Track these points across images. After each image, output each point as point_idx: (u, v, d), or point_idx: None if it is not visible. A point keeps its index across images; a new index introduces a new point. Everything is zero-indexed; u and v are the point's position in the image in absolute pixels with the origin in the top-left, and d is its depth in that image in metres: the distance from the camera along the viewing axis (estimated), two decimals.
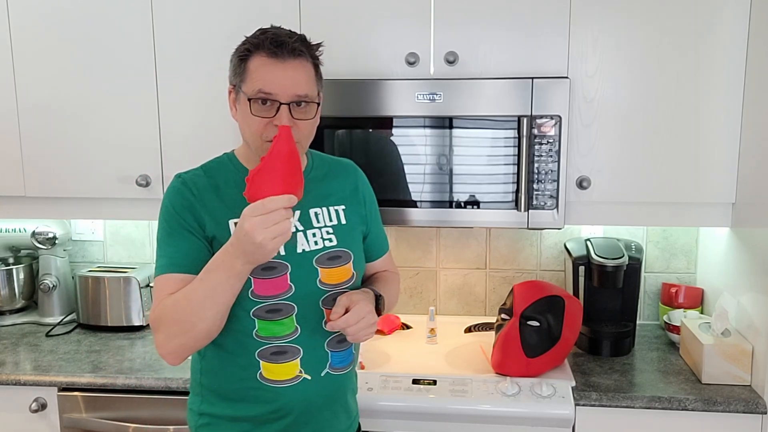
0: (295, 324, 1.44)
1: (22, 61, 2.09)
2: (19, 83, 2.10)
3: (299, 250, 1.45)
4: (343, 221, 1.52)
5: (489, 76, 1.93)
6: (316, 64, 1.45)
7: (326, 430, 1.52)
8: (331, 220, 1.51)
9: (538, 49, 1.92)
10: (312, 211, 1.49)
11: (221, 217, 1.42)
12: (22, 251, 2.53)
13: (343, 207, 1.54)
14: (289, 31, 1.42)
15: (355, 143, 1.95)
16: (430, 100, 1.91)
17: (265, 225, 1.21)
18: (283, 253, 1.42)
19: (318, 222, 1.49)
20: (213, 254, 1.36)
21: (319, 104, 1.44)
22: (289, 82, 1.37)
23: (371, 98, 1.93)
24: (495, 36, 1.93)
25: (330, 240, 1.49)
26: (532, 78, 1.87)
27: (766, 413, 1.75)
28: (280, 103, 1.36)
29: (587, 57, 1.91)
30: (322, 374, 1.48)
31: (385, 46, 1.96)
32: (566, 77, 1.89)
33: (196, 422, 1.51)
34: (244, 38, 1.42)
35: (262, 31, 1.41)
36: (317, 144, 1.95)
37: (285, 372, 1.44)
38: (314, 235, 1.47)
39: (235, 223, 1.39)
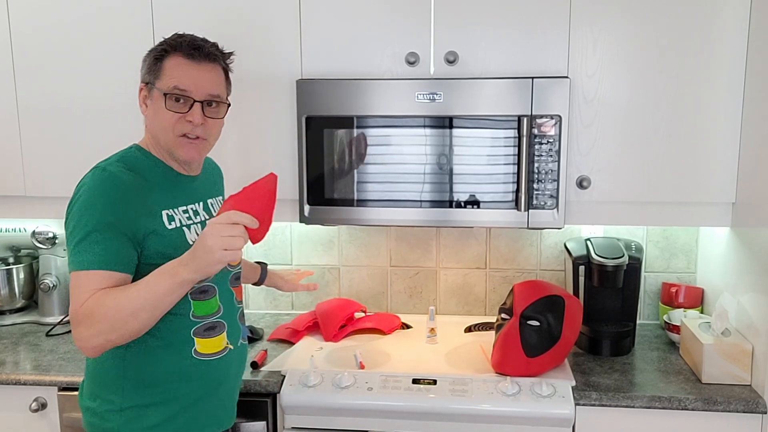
0: (218, 303, 1.59)
1: (23, 61, 2.09)
2: (19, 83, 2.10)
3: None
4: None
5: (489, 76, 1.93)
6: (226, 71, 1.60)
7: (234, 398, 1.70)
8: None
9: (538, 49, 1.92)
10: (209, 201, 1.67)
11: (155, 208, 1.50)
12: (22, 251, 2.53)
13: (221, 197, 1.77)
14: (204, 38, 1.56)
15: (354, 143, 1.95)
16: (430, 99, 1.91)
17: (221, 233, 1.31)
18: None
19: (215, 211, 1.66)
20: (145, 252, 1.46)
21: (228, 106, 1.59)
22: (204, 81, 1.52)
23: (371, 98, 1.93)
24: (495, 36, 1.93)
25: None
26: (532, 78, 1.87)
27: (766, 413, 1.75)
28: (194, 101, 1.50)
29: (587, 57, 1.91)
30: (239, 344, 1.66)
31: (386, 45, 1.96)
32: (566, 77, 1.89)
33: (119, 419, 1.52)
34: (161, 40, 1.54)
35: (179, 35, 1.54)
36: (317, 144, 1.96)
37: (216, 345, 1.58)
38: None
39: (167, 215, 1.51)
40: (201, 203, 1.64)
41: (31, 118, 2.11)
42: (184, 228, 1.55)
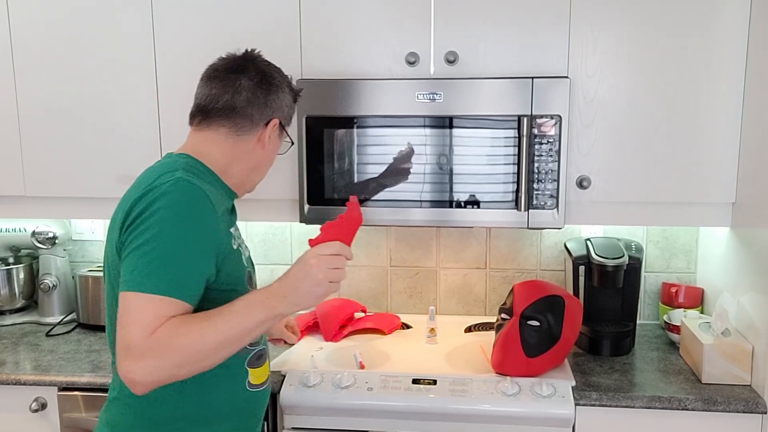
0: None
1: (23, 61, 2.09)
2: (19, 83, 2.10)
3: (246, 255, 1.52)
4: None
5: (489, 76, 1.93)
6: None
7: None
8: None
9: (538, 49, 1.92)
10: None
11: (226, 226, 1.41)
12: (22, 251, 2.53)
13: None
14: None
15: (354, 143, 1.95)
16: (430, 99, 1.91)
17: (330, 265, 1.27)
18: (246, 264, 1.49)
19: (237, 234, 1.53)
20: (220, 275, 1.34)
21: None
22: None
23: (371, 98, 1.93)
24: (495, 35, 1.93)
25: (246, 247, 1.56)
26: (532, 78, 1.87)
27: (766, 413, 1.75)
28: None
29: (587, 57, 1.91)
30: (271, 371, 1.59)
31: (385, 45, 1.96)
32: (566, 77, 1.89)
33: None
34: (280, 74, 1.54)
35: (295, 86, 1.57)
36: (317, 143, 1.96)
37: (263, 374, 1.51)
38: (242, 244, 1.53)
39: (232, 233, 1.43)
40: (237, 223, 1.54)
41: (31, 118, 2.11)
42: (240, 248, 1.45)
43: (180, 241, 1.25)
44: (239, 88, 1.44)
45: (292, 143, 1.61)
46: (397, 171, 1.94)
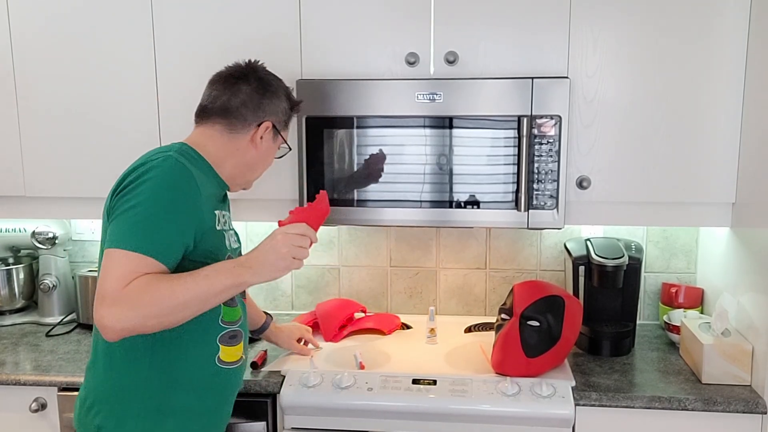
0: (241, 311, 1.61)
1: (23, 61, 2.09)
2: (19, 83, 2.10)
3: (234, 246, 1.64)
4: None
5: (489, 76, 1.93)
6: None
7: (231, 410, 1.67)
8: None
9: (538, 49, 1.92)
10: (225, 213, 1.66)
11: (211, 206, 1.52)
12: (22, 251, 2.53)
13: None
14: None
15: (354, 143, 1.95)
16: (430, 100, 1.91)
17: (294, 242, 1.40)
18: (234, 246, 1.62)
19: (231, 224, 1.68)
20: (196, 249, 1.45)
21: None
22: None
23: (371, 98, 1.93)
24: (495, 36, 1.93)
25: (237, 240, 1.68)
26: (532, 78, 1.87)
27: (766, 413, 1.75)
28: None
29: (587, 57, 1.91)
30: (247, 355, 1.67)
31: (385, 45, 1.96)
32: (566, 77, 1.89)
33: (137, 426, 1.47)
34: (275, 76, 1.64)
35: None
36: (318, 144, 1.96)
37: (235, 354, 1.58)
38: (233, 235, 1.66)
39: (218, 215, 1.54)
40: (230, 213, 1.68)
41: (31, 118, 2.11)
42: (225, 232, 1.57)
43: (162, 208, 1.38)
44: (236, 91, 1.58)
45: (290, 149, 1.71)
46: (369, 173, 1.96)
